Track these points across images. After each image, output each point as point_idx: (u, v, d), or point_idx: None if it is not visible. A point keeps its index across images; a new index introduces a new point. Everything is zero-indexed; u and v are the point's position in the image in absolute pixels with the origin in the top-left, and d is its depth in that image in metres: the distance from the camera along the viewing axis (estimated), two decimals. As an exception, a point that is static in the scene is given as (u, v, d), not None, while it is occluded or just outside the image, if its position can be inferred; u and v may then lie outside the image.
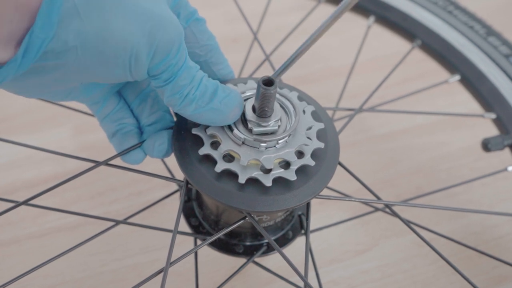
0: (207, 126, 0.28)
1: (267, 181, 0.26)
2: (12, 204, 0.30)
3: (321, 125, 0.29)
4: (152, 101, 0.30)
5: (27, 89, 0.24)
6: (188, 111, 0.26)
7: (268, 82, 0.25)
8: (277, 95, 0.29)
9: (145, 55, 0.22)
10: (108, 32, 0.21)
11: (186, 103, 0.25)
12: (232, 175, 0.27)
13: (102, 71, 0.23)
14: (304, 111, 0.29)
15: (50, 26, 0.20)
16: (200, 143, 0.27)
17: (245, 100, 0.28)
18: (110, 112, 0.30)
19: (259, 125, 0.27)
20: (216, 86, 0.26)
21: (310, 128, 0.29)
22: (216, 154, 0.27)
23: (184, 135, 0.28)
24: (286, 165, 0.27)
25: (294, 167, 0.27)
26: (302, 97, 0.31)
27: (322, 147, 0.28)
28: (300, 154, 0.28)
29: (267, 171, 0.27)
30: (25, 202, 0.29)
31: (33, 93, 0.25)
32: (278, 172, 0.27)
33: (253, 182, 0.27)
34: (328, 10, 0.57)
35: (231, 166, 0.26)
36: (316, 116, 0.30)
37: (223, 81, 0.30)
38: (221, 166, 0.26)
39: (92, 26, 0.21)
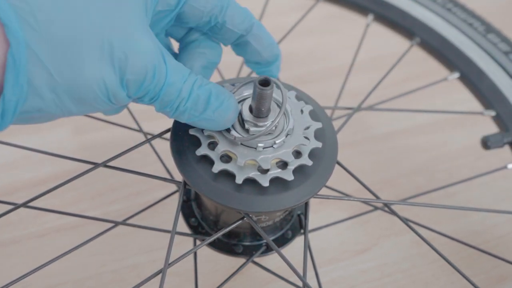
0: (205, 127, 0.28)
1: (264, 181, 0.26)
2: (11, 206, 0.30)
3: (319, 125, 0.29)
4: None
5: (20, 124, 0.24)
6: (182, 120, 0.26)
7: (265, 83, 0.25)
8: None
9: (120, 89, 0.22)
10: (80, 80, 0.21)
11: (178, 114, 0.25)
12: (230, 176, 0.27)
13: (85, 109, 0.23)
14: (302, 111, 0.29)
15: (19, 88, 0.20)
16: (198, 143, 0.27)
17: (243, 100, 0.28)
18: None
19: (256, 125, 0.27)
20: (209, 94, 0.25)
21: (308, 127, 0.29)
22: (213, 155, 0.27)
23: (181, 136, 0.28)
24: (283, 165, 0.27)
25: (291, 167, 0.27)
26: (301, 96, 0.31)
27: (320, 146, 0.28)
28: (297, 154, 0.28)
29: (265, 171, 0.27)
30: (24, 204, 0.30)
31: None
32: (276, 172, 0.27)
33: (250, 182, 0.27)
34: (327, 8, 0.57)
35: (228, 167, 0.26)
36: (314, 115, 0.30)
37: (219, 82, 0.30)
38: (218, 166, 0.26)
39: (63, 79, 0.21)
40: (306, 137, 0.28)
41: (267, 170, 0.26)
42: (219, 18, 0.26)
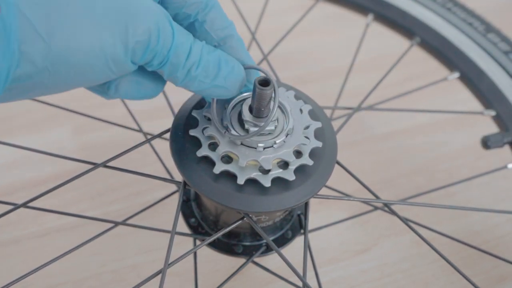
0: (205, 127, 0.28)
1: (266, 181, 0.26)
2: (11, 206, 0.30)
3: (318, 124, 0.29)
4: None
5: (13, 99, 0.23)
6: (191, 88, 0.25)
7: (264, 83, 0.25)
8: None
9: (122, 54, 0.21)
10: (75, 45, 0.20)
11: (188, 80, 0.24)
12: (230, 176, 0.27)
13: (81, 80, 0.22)
14: (301, 110, 0.29)
15: (11, 54, 0.19)
16: (198, 144, 0.27)
17: (243, 100, 0.28)
18: None
19: (256, 126, 0.26)
20: (218, 59, 0.25)
21: (307, 127, 0.29)
22: (214, 156, 0.27)
23: (181, 136, 0.28)
24: (284, 165, 0.27)
25: (292, 167, 0.27)
26: (299, 96, 0.31)
27: (320, 146, 0.28)
28: (298, 154, 0.28)
29: (266, 172, 0.27)
30: (24, 205, 0.30)
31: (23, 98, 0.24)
32: (277, 172, 0.26)
33: (251, 182, 0.27)
34: (327, 8, 0.57)
35: (230, 168, 0.26)
36: (313, 115, 0.30)
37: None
38: (219, 167, 0.26)
39: (57, 44, 0.20)
40: (306, 137, 0.28)
41: (269, 171, 0.26)
42: (199, 16, 0.26)
